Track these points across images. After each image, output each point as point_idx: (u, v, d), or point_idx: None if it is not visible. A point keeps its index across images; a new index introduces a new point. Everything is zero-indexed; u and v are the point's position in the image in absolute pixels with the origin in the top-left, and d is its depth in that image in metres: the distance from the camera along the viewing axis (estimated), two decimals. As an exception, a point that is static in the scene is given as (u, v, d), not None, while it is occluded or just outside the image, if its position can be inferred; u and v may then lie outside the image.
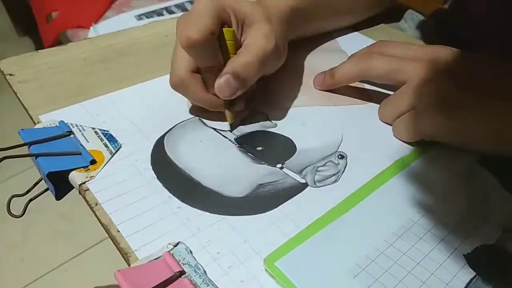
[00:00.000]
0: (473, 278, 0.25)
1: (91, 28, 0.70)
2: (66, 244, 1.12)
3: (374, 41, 0.39)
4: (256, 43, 0.33)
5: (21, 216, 0.31)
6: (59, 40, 0.78)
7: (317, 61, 0.43)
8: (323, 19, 0.44)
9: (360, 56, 0.36)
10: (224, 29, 0.32)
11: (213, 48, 0.32)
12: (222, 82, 0.32)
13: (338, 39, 0.48)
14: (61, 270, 1.07)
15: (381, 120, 0.36)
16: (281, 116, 0.36)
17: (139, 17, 0.67)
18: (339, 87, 0.39)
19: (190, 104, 0.37)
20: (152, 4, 0.71)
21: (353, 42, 0.47)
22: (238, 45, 0.34)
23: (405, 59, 0.34)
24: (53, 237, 1.15)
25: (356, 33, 0.49)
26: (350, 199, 0.29)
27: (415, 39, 0.50)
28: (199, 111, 0.36)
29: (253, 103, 0.37)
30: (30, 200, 0.31)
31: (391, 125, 0.35)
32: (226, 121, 0.35)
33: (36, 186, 0.32)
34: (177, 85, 0.34)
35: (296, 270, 0.24)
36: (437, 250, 0.26)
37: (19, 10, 1.59)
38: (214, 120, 0.35)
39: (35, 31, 0.99)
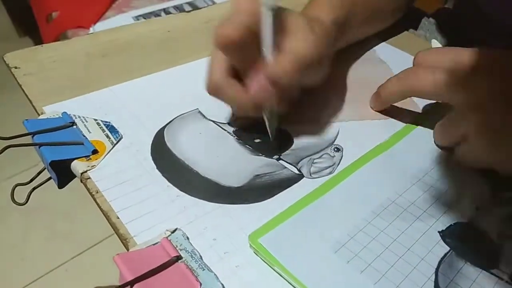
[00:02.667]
0: (447, 253, 0.26)
1: (91, 28, 0.70)
2: (66, 244, 1.14)
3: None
4: (297, 50, 0.31)
5: (25, 204, 0.31)
6: (59, 40, 0.78)
7: (356, 72, 0.43)
8: (356, 29, 0.43)
9: (403, 75, 0.35)
10: None
11: (250, 46, 0.30)
12: (258, 85, 0.30)
13: (375, 48, 0.48)
14: (61, 270, 1.09)
15: (437, 145, 0.34)
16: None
17: (137, 18, 0.68)
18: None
19: (188, 97, 0.37)
20: (152, 5, 0.71)
21: (385, 52, 0.47)
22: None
23: (450, 79, 0.31)
24: (53, 237, 1.16)
25: (384, 43, 0.48)
26: (331, 181, 0.30)
27: (426, 41, 0.50)
28: (239, 124, 0.35)
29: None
30: (34, 189, 0.32)
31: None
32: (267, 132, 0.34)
33: (40, 175, 0.33)
34: (213, 90, 0.32)
35: (279, 246, 0.26)
36: (413, 227, 0.28)
37: (19, 10, 1.60)
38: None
39: (35, 31, 1.00)
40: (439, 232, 0.27)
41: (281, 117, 0.34)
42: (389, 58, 0.45)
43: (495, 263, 0.26)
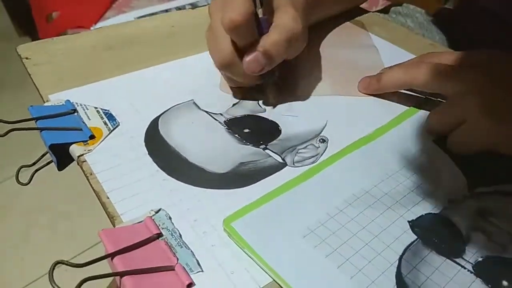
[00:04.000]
0: (414, 241, 0.27)
1: (91, 29, 0.72)
2: (66, 244, 1.15)
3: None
4: (285, 24, 0.35)
5: (28, 184, 0.34)
6: None
7: (347, 53, 0.47)
8: (325, 6, 0.48)
9: (410, 65, 0.38)
10: None
11: (252, 27, 0.34)
12: (251, 58, 0.35)
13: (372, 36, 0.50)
14: (61, 270, 1.08)
15: (428, 132, 0.36)
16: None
17: (139, 18, 0.70)
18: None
19: (185, 89, 0.39)
20: (152, 5, 0.73)
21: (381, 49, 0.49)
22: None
23: (451, 69, 0.35)
24: (53, 237, 1.17)
25: (382, 40, 0.50)
26: (310, 171, 0.32)
27: (422, 38, 0.51)
28: (240, 93, 0.40)
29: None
30: (36, 171, 0.35)
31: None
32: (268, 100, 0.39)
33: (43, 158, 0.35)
34: (225, 65, 0.36)
35: (250, 230, 0.27)
36: (383, 216, 0.29)
37: (19, 10, 1.62)
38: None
39: (35, 31, 1.03)
40: (408, 221, 0.28)
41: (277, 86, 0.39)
42: (385, 54, 0.46)
43: (460, 252, 0.26)
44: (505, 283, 0.25)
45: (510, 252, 0.27)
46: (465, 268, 0.26)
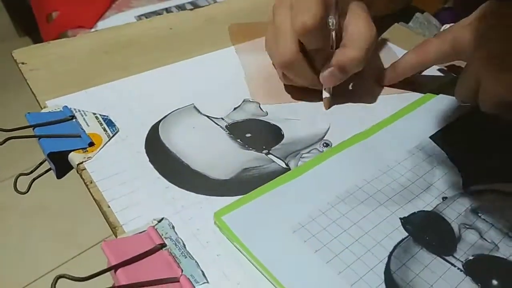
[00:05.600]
0: (405, 238, 0.27)
1: (92, 29, 0.72)
2: (66, 244, 1.15)
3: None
4: (361, 34, 0.35)
5: (26, 193, 0.33)
6: None
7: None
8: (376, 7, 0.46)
9: (418, 46, 0.38)
10: None
11: (324, 32, 0.34)
12: (327, 74, 0.35)
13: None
14: (61, 270, 1.10)
15: (460, 101, 0.37)
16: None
17: (139, 17, 0.70)
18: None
19: (185, 93, 0.38)
20: (152, 4, 0.72)
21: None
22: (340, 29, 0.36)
23: (456, 33, 0.35)
24: (53, 237, 1.17)
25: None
26: (303, 166, 0.31)
27: (423, 38, 0.50)
28: (293, 92, 0.39)
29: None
30: (34, 179, 0.34)
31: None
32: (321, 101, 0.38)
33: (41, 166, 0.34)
34: (287, 65, 0.36)
35: (241, 224, 0.27)
36: (375, 213, 0.28)
37: (19, 10, 1.62)
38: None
39: (35, 31, 1.02)
40: (400, 218, 0.28)
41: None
42: (384, 55, 0.46)
43: (451, 250, 0.26)
44: (494, 282, 0.25)
45: (501, 250, 0.26)
46: (455, 266, 0.25)
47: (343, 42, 0.36)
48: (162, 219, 0.28)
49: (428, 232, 0.27)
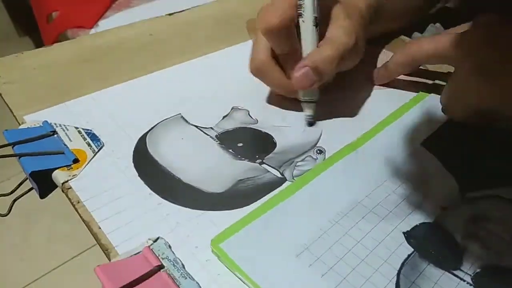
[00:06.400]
0: (411, 254, 0.26)
1: (93, 29, 0.70)
2: (66, 244, 1.14)
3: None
4: (337, 38, 0.33)
5: (7, 215, 0.31)
6: (59, 40, 0.78)
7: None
8: (388, 19, 0.45)
9: (409, 44, 0.38)
10: None
11: (291, 35, 0.33)
12: (300, 74, 0.33)
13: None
14: (61, 270, 1.09)
15: (449, 114, 0.36)
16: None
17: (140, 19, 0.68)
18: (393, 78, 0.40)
19: (170, 102, 0.37)
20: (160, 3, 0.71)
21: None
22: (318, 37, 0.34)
23: (448, 37, 0.35)
24: (53, 237, 1.16)
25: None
26: (296, 183, 0.30)
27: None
28: (275, 100, 0.38)
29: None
30: (15, 200, 0.32)
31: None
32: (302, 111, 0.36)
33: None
34: (257, 70, 0.35)
35: (240, 250, 0.26)
36: (378, 229, 0.27)
37: (19, 10, 1.60)
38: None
39: (35, 31, 1.01)
40: (403, 233, 0.27)
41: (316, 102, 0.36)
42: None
43: (458, 264, 0.26)
44: None
45: (506, 260, 0.26)
46: (464, 280, 0.25)
47: (319, 43, 0.34)
48: (158, 238, 0.27)
49: (432, 245, 0.27)
